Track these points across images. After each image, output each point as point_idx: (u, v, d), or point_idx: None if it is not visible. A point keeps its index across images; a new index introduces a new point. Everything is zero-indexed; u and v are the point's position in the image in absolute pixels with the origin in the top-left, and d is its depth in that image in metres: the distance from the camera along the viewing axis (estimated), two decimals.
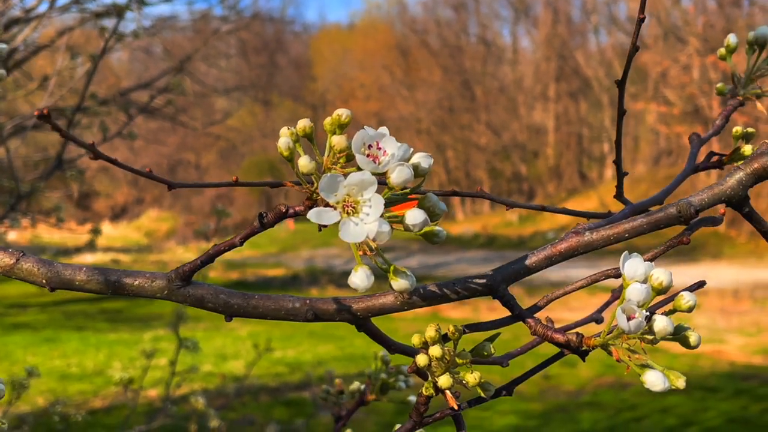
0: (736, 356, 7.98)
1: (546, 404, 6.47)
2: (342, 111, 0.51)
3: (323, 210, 0.48)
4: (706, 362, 7.75)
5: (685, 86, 19.64)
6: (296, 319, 0.55)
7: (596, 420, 5.98)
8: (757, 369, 7.43)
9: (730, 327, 9.59)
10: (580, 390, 6.89)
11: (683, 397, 6.54)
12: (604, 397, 6.60)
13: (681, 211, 0.53)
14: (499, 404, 6.45)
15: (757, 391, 6.66)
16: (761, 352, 8.07)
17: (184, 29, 14.96)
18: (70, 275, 0.54)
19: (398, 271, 0.51)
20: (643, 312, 0.49)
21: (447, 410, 0.56)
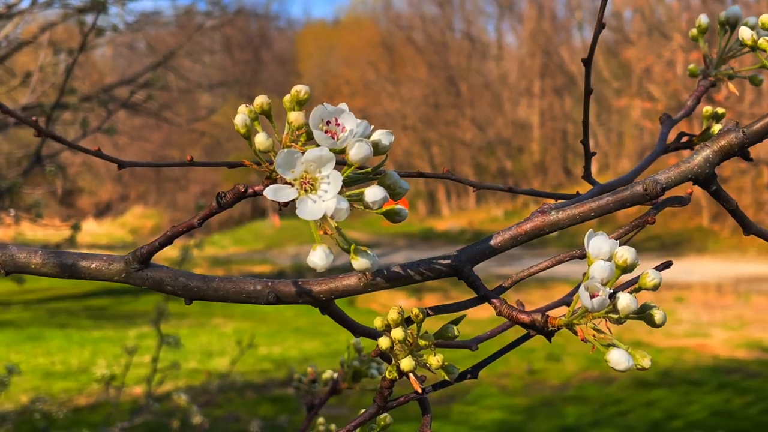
0: (720, 350, 8.03)
1: (531, 399, 6.48)
2: (300, 87, 0.50)
3: (280, 187, 0.47)
4: (690, 356, 7.79)
5: (669, 82, 19.71)
6: (258, 301, 0.54)
7: (581, 414, 6.00)
8: (740, 362, 7.47)
9: (713, 321, 9.64)
10: (566, 384, 6.91)
11: (667, 390, 6.57)
12: (589, 392, 6.62)
13: (647, 188, 0.53)
14: (484, 399, 6.46)
15: (740, 384, 6.70)
16: (744, 346, 8.12)
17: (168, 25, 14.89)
18: (25, 258, 0.53)
19: (359, 250, 0.50)
20: (607, 290, 0.49)
21: (411, 394, 0.56)
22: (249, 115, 0.50)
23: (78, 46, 2.31)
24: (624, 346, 0.49)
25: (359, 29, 30.98)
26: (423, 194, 27.08)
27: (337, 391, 0.91)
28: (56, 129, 3.68)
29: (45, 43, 4.78)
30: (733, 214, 0.58)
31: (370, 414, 0.58)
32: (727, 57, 0.80)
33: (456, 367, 0.55)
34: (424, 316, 0.53)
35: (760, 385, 6.62)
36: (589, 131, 0.75)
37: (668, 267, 0.53)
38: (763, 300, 10.81)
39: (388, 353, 0.54)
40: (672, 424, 5.73)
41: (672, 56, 20.09)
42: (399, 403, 0.57)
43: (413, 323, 0.53)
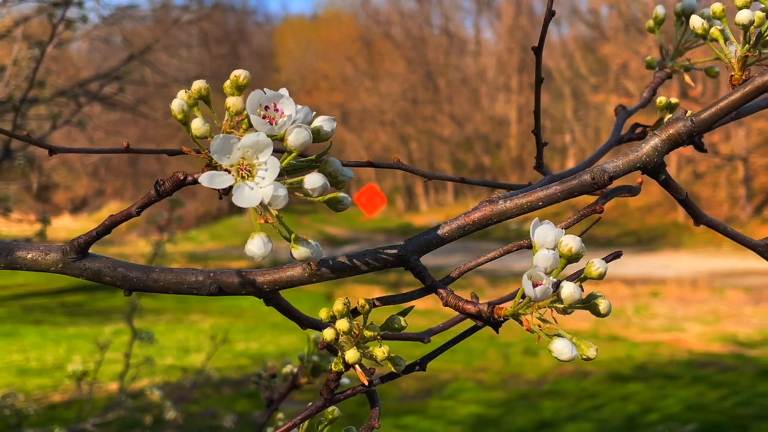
0: (695, 344, 8.09)
1: (508, 393, 6.50)
2: (240, 72, 0.49)
3: (216, 174, 0.46)
4: (665, 350, 7.85)
5: (645, 78, 19.76)
6: (199, 292, 0.53)
7: (558, 408, 6.03)
8: (714, 357, 7.54)
9: (688, 315, 9.72)
10: (542, 379, 6.94)
11: (642, 384, 6.62)
12: (565, 386, 6.65)
13: (595, 177, 0.52)
14: (461, 393, 6.47)
15: (714, 378, 6.75)
16: (719, 340, 8.19)
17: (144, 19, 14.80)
18: None
19: (299, 239, 0.49)
20: (550, 279, 0.48)
21: (359, 387, 0.55)
22: (187, 101, 0.49)
23: (48, 38, 2.28)
24: (569, 336, 0.49)
25: (337, 24, 30.93)
26: (401, 189, 27.09)
27: (297, 386, 0.90)
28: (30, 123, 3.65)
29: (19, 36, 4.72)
30: (683, 204, 0.58)
31: (317, 407, 0.57)
32: (683, 48, 0.80)
33: (402, 359, 0.54)
34: (371, 306, 0.52)
35: (734, 379, 6.68)
36: (540, 121, 0.75)
37: (618, 257, 0.53)
38: (737, 294, 10.91)
39: (334, 345, 0.53)
40: (647, 418, 5.77)
41: (648, 52, 20.17)
42: (346, 395, 0.57)
43: (359, 314, 0.52)
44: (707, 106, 0.53)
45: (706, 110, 0.53)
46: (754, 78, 0.53)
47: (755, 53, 0.59)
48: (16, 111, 2.43)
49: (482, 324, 0.52)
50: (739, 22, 0.58)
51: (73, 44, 15.79)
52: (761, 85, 0.52)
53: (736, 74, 0.59)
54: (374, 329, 0.52)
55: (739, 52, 0.59)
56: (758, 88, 0.52)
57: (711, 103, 0.54)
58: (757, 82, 0.53)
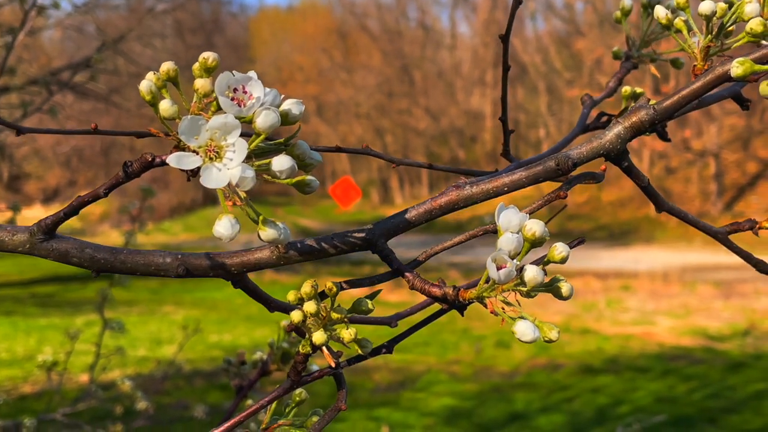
0: (665, 338, 8.17)
1: (481, 385, 6.54)
2: (208, 54, 0.49)
3: (184, 155, 0.46)
4: (636, 343, 7.92)
5: None
6: (167, 274, 0.53)
7: (530, 400, 6.07)
8: (684, 350, 7.62)
9: (659, 309, 9.81)
10: (514, 371, 6.98)
11: (613, 377, 6.68)
12: (537, 378, 6.70)
13: (559, 164, 0.53)
14: (434, 386, 6.50)
15: (684, 371, 6.83)
16: (689, 334, 8.28)
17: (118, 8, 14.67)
18: None
19: (267, 221, 0.49)
20: (514, 262, 0.49)
21: (326, 369, 0.55)
22: (156, 83, 0.49)
23: (20, 24, 2.26)
24: (531, 318, 0.49)
25: (313, 16, 30.85)
26: (376, 182, 27.11)
27: (267, 373, 0.90)
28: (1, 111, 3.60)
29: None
30: (645, 191, 0.59)
31: (284, 389, 0.57)
32: (649, 39, 0.80)
33: (369, 341, 0.55)
34: (338, 289, 0.53)
35: (703, 372, 6.76)
36: (507, 108, 0.75)
37: (581, 243, 0.54)
38: (708, 289, 11.03)
39: (302, 327, 0.53)
40: (618, 410, 5.83)
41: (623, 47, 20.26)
42: (313, 377, 0.57)
43: (327, 297, 0.53)
44: (669, 94, 0.54)
45: (668, 98, 0.55)
46: (715, 67, 0.54)
47: (717, 44, 0.60)
48: None
49: (447, 307, 0.52)
50: (702, 13, 0.59)
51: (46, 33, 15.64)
52: (722, 74, 0.53)
53: (699, 64, 0.60)
54: (341, 311, 0.53)
55: (701, 43, 0.60)
56: (719, 77, 0.54)
57: (673, 92, 0.55)
58: (717, 72, 0.54)
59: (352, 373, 6.49)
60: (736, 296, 10.47)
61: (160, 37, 17.97)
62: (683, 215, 0.61)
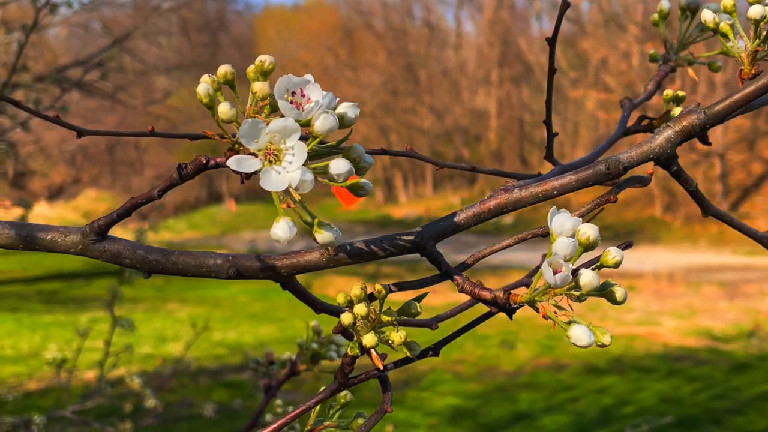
0: (670, 338, 8.16)
1: (485, 385, 6.54)
2: (265, 57, 0.49)
3: (243, 158, 0.46)
4: (641, 344, 7.92)
5: (624, 73, 19.93)
6: (218, 276, 0.53)
7: (534, 400, 6.07)
8: (689, 350, 7.61)
9: (664, 310, 9.80)
10: (519, 371, 6.98)
11: (618, 377, 6.68)
12: (541, 378, 6.70)
13: (610, 168, 0.53)
14: (439, 385, 6.50)
15: (689, 372, 6.82)
16: (694, 334, 8.27)
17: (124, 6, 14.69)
18: None
19: (323, 223, 0.49)
20: (570, 266, 0.49)
21: (372, 371, 0.55)
22: (212, 85, 0.49)
23: (32, 21, 2.27)
24: (585, 323, 0.50)
25: (319, 14, 30.87)
26: (380, 181, 27.09)
27: (296, 373, 0.91)
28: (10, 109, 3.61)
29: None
30: (693, 195, 0.59)
31: (331, 391, 0.58)
32: (687, 42, 0.80)
33: (418, 344, 0.55)
34: (387, 292, 0.53)
35: (708, 373, 6.75)
36: (552, 111, 0.75)
37: (629, 247, 0.54)
38: (712, 289, 11.02)
39: (350, 329, 0.54)
40: (622, 410, 5.82)
41: (628, 48, 20.31)
42: (360, 379, 0.57)
43: (376, 299, 0.53)
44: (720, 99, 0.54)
45: (719, 103, 0.55)
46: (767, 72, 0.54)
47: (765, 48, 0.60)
48: None
49: (496, 310, 0.52)
50: (751, 17, 0.59)
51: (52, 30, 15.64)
52: None
53: (746, 68, 0.60)
54: (391, 314, 0.53)
55: (749, 47, 0.60)
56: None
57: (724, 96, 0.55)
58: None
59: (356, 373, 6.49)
60: (740, 297, 10.46)
61: (166, 35, 17.99)
62: (729, 219, 0.61)
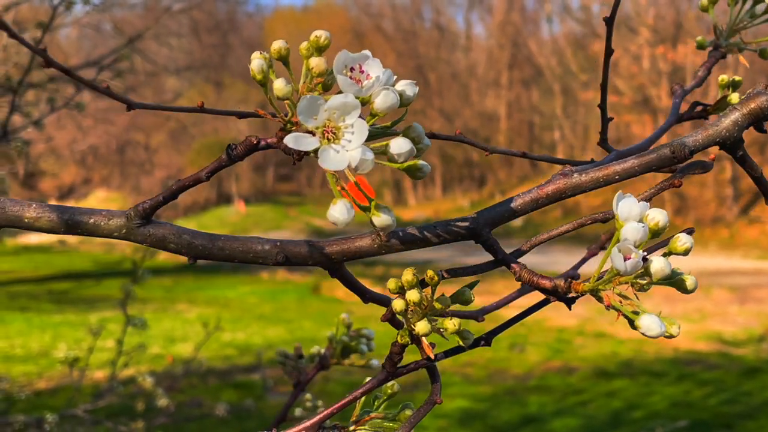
0: (680, 342, 8.12)
1: (494, 388, 6.51)
2: (321, 32, 0.47)
3: (301, 135, 0.44)
4: (651, 348, 7.88)
5: (635, 76, 19.89)
6: (265, 262, 0.51)
7: (543, 403, 6.05)
8: (700, 355, 7.57)
9: (674, 314, 9.75)
10: (528, 374, 6.96)
11: (628, 381, 6.65)
12: (551, 381, 6.67)
13: (675, 151, 0.51)
14: (448, 388, 6.47)
15: (699, 376, 6.79)
16: (704, 339, 8.23)
17: (135, 7, 14.73)
18: (17, 212, 0.49)
19: (381, 206, 0.48)
20: (640, 252, 0.47)
21: (422, 361, 0.54)
22: (265, 61, 0.47)
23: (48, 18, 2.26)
24: (656, 313, 0.48)
25: (328, 16, 30.88)
26: (389, 183, 27.09)
27: (325, 367, 0.89)
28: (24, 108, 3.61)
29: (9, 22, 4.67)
30: (757, 182, 0.57)
31: (379, 380, 0.56)
32: (737, 28, 0.78)
33: (471, 333, 0.53)
34: (440, 278, 0.51)
35: (719, 377, 6.72)
36: (606, 94, 0.73)
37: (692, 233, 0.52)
38: (723, 293, 10.97)
39: (401, 317, 0.52)
40: (633, 415, 5.79)
41: (638, 51, 20.26)
42: (409, 369, 0.55)
43: (427, 286, 0.51)
44: None
45: None
46: None
47: None
48: (14, 92, 2.41)
49: (555, 299, 0.51)
50: None
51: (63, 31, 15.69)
52: None
53: None
54: (445, 302, 0.51)
55: None
56: None
57: None
58: None
59: (366, 373, 6.47)
60: (751, 301, 10.41)
61: (176, 36, 18.02)
62: None
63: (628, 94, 19.59)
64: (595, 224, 0.53)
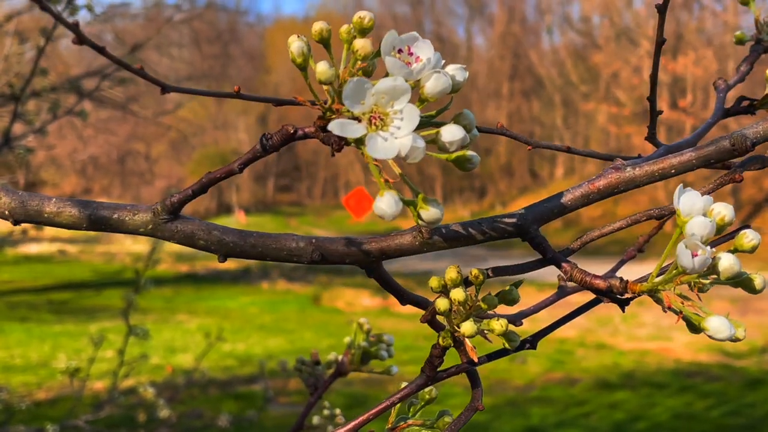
0: (682, 353, 8.09)
1: (496, 399, 6.47)
2: (364, 13, 0.45)
3: (347, 122, 0.41)
4: (653, 359, 7.85)
5: (635, 87, 19.90)
6: (300, 260, 0.49)
7: (545, 415, 6.01)
8: (701, 366, 7.54)
9: (675, 325, 9.68)
10: (530, 385, 6.92)
11: (630, 392, 6.61)
12: (553, 393, 6.64)
13: (735, 143, 0.48)
14: (449, 398, 6.43)
15: (701, 387, 6.76)
16: (706, 350, 8.20)
17: (136, 17, 14.73)
18: (37, 206, 0.47)
19: (428, 199, 0.44)
20: (708, 248, 0.44)
21: (463, 365, 0.51)
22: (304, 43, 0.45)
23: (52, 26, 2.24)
24: (725, 314, 0.45)
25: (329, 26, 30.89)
26: None
27: (343, 374, 0.86)
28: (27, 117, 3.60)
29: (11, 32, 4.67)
30: None
31: (418, 385, 0.53)
32: None
33: (517, 335, 0.50)
34: (485, 277, 0.48)
35: (721, 389, 6.68)
36: (656, 87, 0.71)
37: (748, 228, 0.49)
38: (723, 305, 10.90)
39: (443, 317, 0.49)
40: (635, 426, 5.76)
41: (639, 62, 20.28)
42: (450, 373, 0.53)
43: (471, 285, 0.48)
44: None
45: None
46: None
47: None
48: (16, 100, 2.39)
49: (608, 301, 0.48)
50: None
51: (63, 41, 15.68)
52: None
53: None
54: (492, 301, 0.48)
55: None
56: None
57: None
58: None
59: (366, 385, 6.44)
60: (752, 313, 10.37)
61: (177, 47, 18.03)
62: None
63: (628, 105, 19.60)
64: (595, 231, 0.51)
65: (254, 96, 0.65)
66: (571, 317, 0.52)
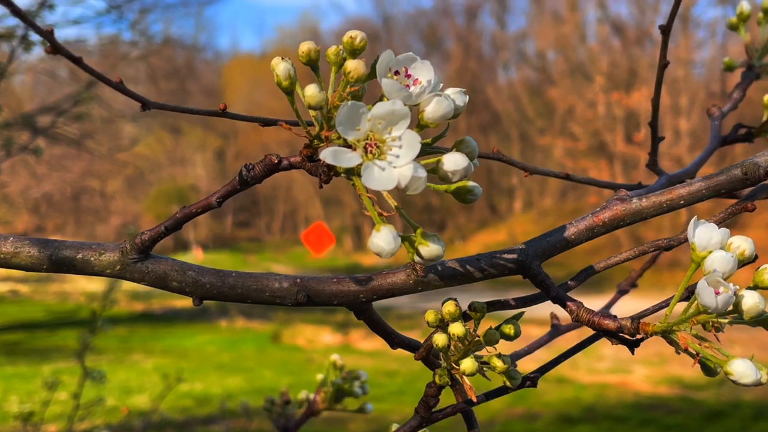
0: (641, 386, 8.12)
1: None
2: (356, 33, 0.41)
3: (340, 150, 0.37)
4: (613, 392, 7.86)
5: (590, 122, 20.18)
6: (284, 302, 0.45)
7: None
8: (661, 399, 7.56)
9: (634, 357, 9.77)
10: (491, 421, 6.88)
11: (591, 426, 6.60)
12: (515, 428, 6.60)
13: (747, 173, 0.46)
14: None
15: (662, 420, 6.77)
16: (665, 382, 8.23)
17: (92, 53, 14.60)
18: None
19: (427, 234, 0.41)
20: (731, 286, 0.41)
21: (461, 404, 0.47)
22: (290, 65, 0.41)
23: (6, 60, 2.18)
24: (749, 357, 0.42)
25: None
26: (349, 228, 27.00)
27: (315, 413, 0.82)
28: None
29: None
30: None
31: (411, 427, 0.50)
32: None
33: (519, 373, 0.47)
34: (484, 312, 0.45)
35: (681, 422, 6.70)
36: (658, 112, 0.68)
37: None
38: None
39: (442, 354, 0.45)
40: None
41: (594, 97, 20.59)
42: (445, 414, 0.49)
43: (470, 319, 0.45)
44: None
45: None
46: None
47: None
48: None
49: (616, 342, 0.45)
50: None
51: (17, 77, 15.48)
52: None
53: None
54: (493, 336, 0.45)
55: None
56: None
57: None
58: None
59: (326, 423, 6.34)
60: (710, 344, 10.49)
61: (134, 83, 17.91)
62: None
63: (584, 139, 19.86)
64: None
65: (239, 115, 0.61)
66: (571, 353, 0.49)
